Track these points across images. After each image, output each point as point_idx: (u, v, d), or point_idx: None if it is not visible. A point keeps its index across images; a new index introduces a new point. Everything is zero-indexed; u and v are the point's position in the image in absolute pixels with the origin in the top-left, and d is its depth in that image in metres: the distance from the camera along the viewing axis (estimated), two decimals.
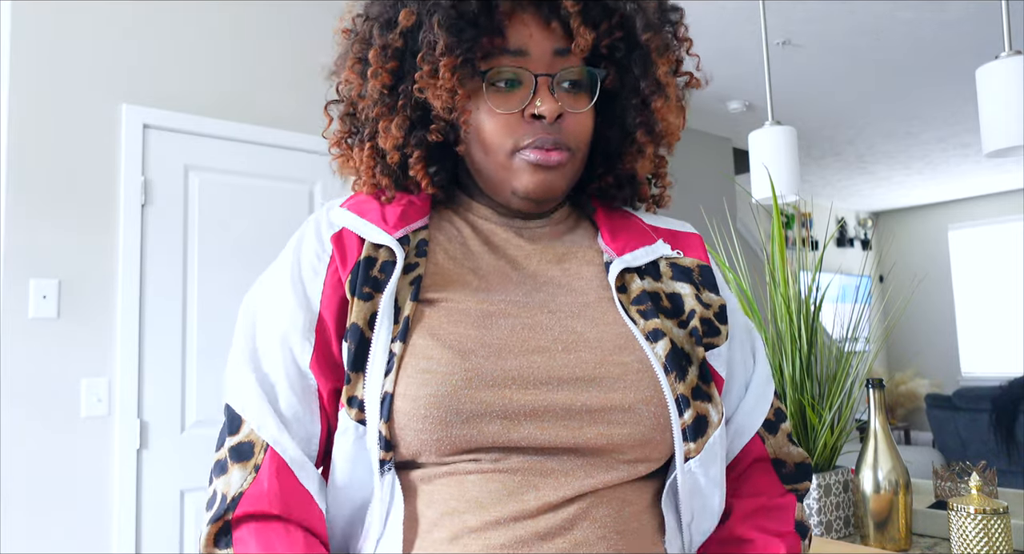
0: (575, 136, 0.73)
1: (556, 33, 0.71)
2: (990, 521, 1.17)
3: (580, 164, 0.76)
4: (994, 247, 7.75)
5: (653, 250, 0.77)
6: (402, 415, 0.65)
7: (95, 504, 2.31)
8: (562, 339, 0.69)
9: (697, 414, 0.68)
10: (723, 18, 3.47)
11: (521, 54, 0.71)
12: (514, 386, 0.65)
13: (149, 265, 2.48)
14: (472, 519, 0.64)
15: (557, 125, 0.72)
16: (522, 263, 0.76)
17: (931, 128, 5.32)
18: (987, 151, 1.63)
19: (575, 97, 0.73)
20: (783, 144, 2.15)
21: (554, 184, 0.73)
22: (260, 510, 0.66)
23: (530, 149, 0.71)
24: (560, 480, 0.65)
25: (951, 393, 4.92)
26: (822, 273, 1.51)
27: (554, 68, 0.72)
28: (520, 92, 0.72)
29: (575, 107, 0.73)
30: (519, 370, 0.66)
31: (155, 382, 2.46)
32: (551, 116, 0.70)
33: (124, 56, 2.51)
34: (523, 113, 0.71)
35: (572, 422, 0.65)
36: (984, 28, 3.65)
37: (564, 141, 0.72)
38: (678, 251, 0.79)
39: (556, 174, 0.73)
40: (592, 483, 0.65)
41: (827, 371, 1.47)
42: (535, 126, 0.71)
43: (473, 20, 0.70)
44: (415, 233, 0.74)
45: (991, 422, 4.44)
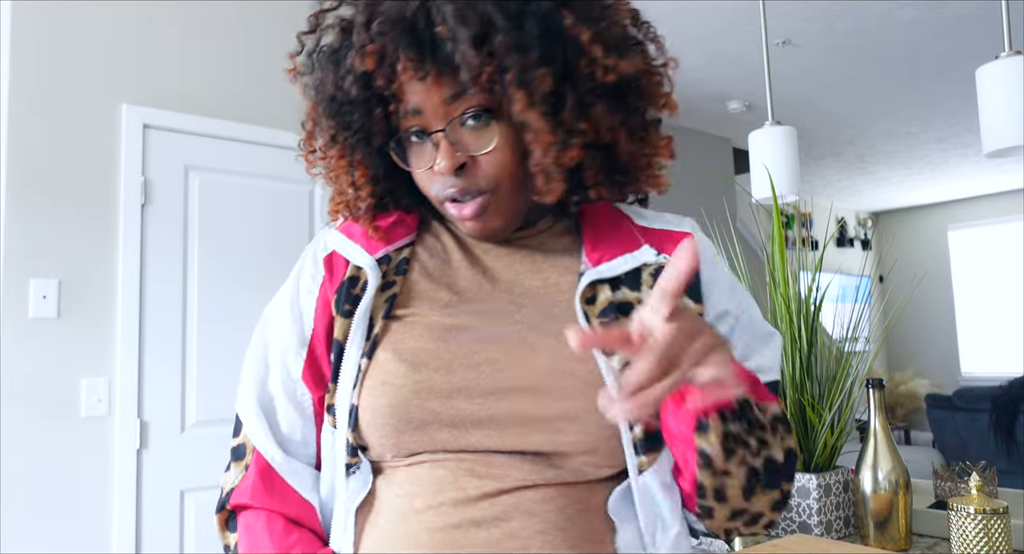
0: (489, 176, 0.73)
1: (445, 82, 0.70)
2: (990, 521, 1.17)
3: (511, 193, 0.74)
4: (994, 247, 7.75)
5: (635, 257, 0.77)
6: (365, 424, 0.72)
7: (95, 504, 2.31)
8: (516, 350, 0.72)
9: (647, 427, 0.70)
10: (723, 18, 3.47)
11: (417, 113, 0.72)
12: (461, 396, 0.70)
13: (149, 265, 2.48)
14: (418, 502, 0.70)
15: (465, 173, 0.72)
16: (500, 274, 0.79)
17: (931, 128, 5.32)
18: (987, 151, 1.63)
19: (480, 135, 0.72)
20: (783, 144, 2.15)
21: (488, 226, 0.76)
22: (244, 503, 0.78)
23: (447, 203, 0.75)
24: (504, 473, 0.69)
25: (951, 393, 4.92)
26: (822, 273, 1.51)
27: (449, 116, 0.71)
28: (429, 147, 0.74)
29: (481, 148, 0.72)
30: (467, 381, 0.70)
31: (155, 382, 2.46)
32: (448, 171, 0.71)
33: (124, 56, 2.51)
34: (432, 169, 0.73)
35: (517, 430, 0.69)
36: (984, 28, 3.65)
37: (475, 186, 0.73)
38: (664, 256, 0.77)
39: (483, 219, 0.75)
40: (535, 479, 0.69)
41: (827, 371, 1.47)
42: (446, 179, 0.73)
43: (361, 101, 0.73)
44: (398, 251, 0.80)
45: (991, 422, 4.44)
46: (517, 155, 0.73)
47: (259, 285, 2.69)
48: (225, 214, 2.66)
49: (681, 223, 0.83)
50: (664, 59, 0.79)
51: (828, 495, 1.41)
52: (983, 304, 7.76)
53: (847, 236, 8.08)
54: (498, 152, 0.72)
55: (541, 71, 0.68)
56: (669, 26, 4.04)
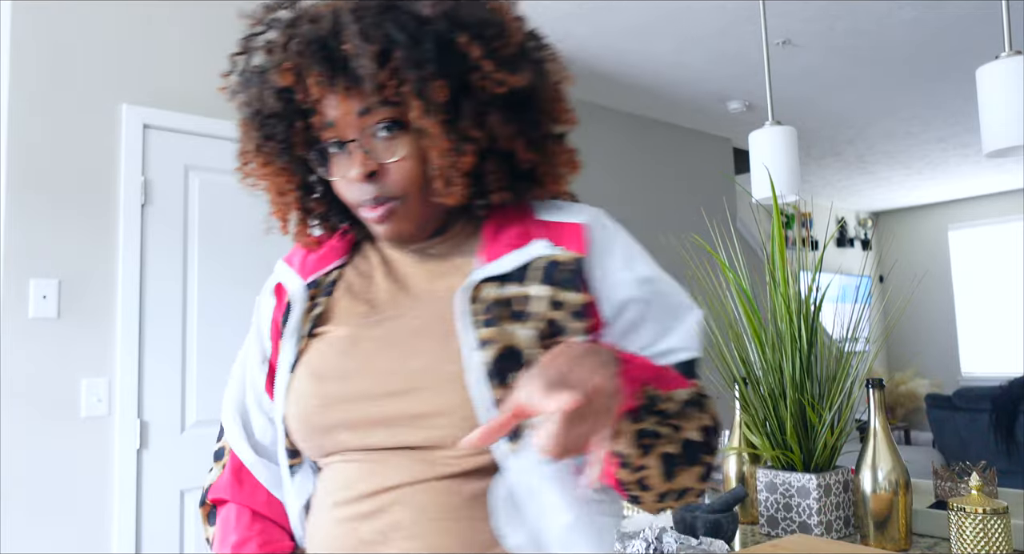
0: (398, 183, 0.80)
1: (357, 96, 0.77)
2: (990, 521, 1.17)
3: (420, 201, 0.81)
4: (994, 247, 7.75)
5: (524, 252, 0.80)
6: (289, 431, 0.84)
7: (95, 504, 2.31)
8: (403, 355, 0.79)
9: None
10: (723, 18, 3.47)
11: (332, 125, 0.80)
12: (359, 402, 0.79)
13: (149, 265, 2.48)
14: (329, 498, 0.81)
15: (375, 180, 0.79)
16: (412, 285, 0.86)
17: (931, 128, 5.32)
18: (987, 151, 1.63)
19: (390, 146, 0.79)
20: (783, 144, 2.15)
21: (399, 230, 0.83)
22: (220, 497, 0.90)
23: (362, 208, 0.82)
24: (387, 471, 0.77)
25: (951, 393, 4.92)
26: (822, 273, 1.51)
27: (361, 127, 0.79)
28: (345, 156, 0.81)
29: (390, 157, 0.79)
30: (362, 388, 0.79)
31: (155, 382, 2.46)
32: (359, 178, 0.79)
33: (124, 56, 2.51)
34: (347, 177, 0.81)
35: (402, 429, 0.76)
36: (984, 28, 3.65)
37: (387, 192, 0.80)
38: (561, 248, 0.80)
39: (394, 222, 0.82)
40: (417, 473, 0.76)
41: (827, 371, 1.47)
42: (359, 185, 0.80)
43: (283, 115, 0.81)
44: (327, 274, 0.90)
45: (991, 422, 4.44)
46: (424, 164, 0.79)
47: (259, 285, 2.68)
48: (225, 214, 2.66)
49: (579, 214, 0.85)
50: (560, 77, 0.86)
51: (828, 495, 1.41)
52: (983, 304, 7.76)
53: (847, 236, 8.08)
54: (406, 161, 0.79)
55: (437, 83, 0.76)
56: (669, 26, 4.07)
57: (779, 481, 1.45)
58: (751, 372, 1.52)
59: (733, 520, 1.36)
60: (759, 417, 1.51)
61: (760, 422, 1.51)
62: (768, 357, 1.49)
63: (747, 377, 1.52)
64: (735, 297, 1.56)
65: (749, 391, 1.52)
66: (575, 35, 3.62)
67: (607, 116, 4.68)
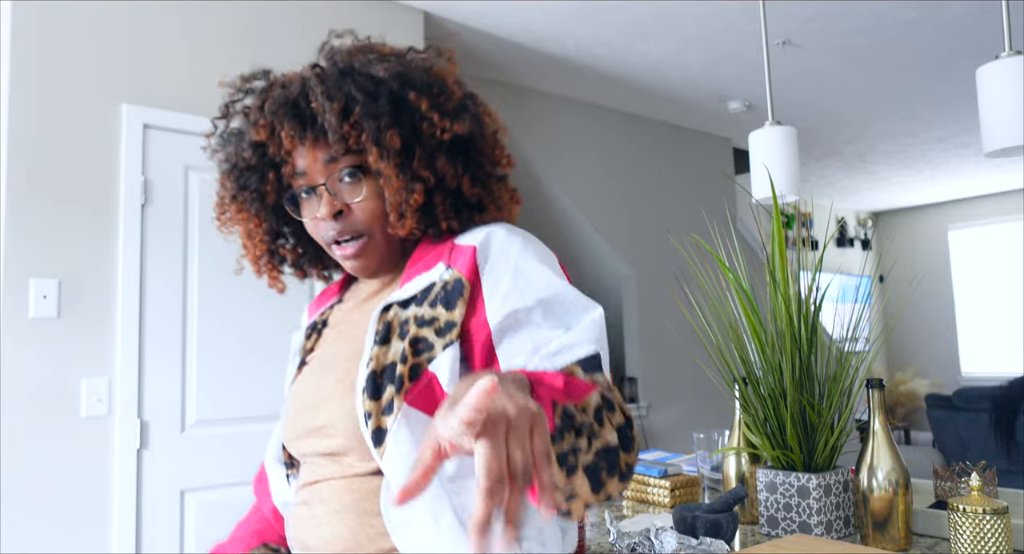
0: (362, 221, 0.93)
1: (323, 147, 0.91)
2: (990, 521, 1.17)
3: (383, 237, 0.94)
4: (994, 247, 7.75)
5: (427, 277, 0.90)
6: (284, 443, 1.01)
7: (95, 504, 2.32)
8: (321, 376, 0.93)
9: (377, 426, 0.83)
10: (723, 18, 3.48)
11: (303, 174, 0.93)
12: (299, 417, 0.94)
13: (149, 265, 2.48)
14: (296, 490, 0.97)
15: (342, 219, 0.92)
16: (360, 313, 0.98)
17: (931, 128, 5.32)
18: (987, 151, 1.63)
19: (354, 189, 0.92)
20: (783, 144, 2.15)
21: (366, 265, 0.96)
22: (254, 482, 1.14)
23: (332, 246, 0.95)
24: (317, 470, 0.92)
25: (951, 393, 4.92)
26: (822, 273, 1.51)
27: (328, 173, 0.92)
28: (315, 200, 0.94)
29: (354, 198, 0.92)
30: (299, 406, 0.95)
31: (155, 382, 2.46)
32: (327, 216, 0.92)
33: (124, 56, 2.51)
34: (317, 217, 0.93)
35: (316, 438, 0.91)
36: (984, 28, 3.65)
37: (353, 229, 0.93)
38: (453, 269, 0.89)
39: (361, 259, 0.95)
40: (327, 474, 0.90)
41: (827, 371, 1.47)
42: (328, 224, 0.93)
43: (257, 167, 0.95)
44: (322, 313, 1.07)
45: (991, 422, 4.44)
46: (384, 202, 0.92)
47: (259, 285, 2.68)
48: None
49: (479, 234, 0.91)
50: (496, 127, 0.99)
51: (828, 495, 1.41)
52: (983, 304, 7.76)
53: (847, 236, 8.08)
54: (368, 201, 0.92)
55: (391, 131, 0.89)
56: (669, 26, 4.06)
57: (779, 481, 1.45)
58: (751, 372, 1.52)
59: (733, 520, 1.36)
60: (759, 417, 1.51)
61: (760, 422, 1.51)
62: (768, 357, 1.49)
63: (747, 377, 1.52)
64: (735, 297, 1.56)
65: (749, 391, 1.52)
66: (575, 35, 3.62)
67: (607, 116, 4.68)
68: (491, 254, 0.89)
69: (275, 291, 1.08)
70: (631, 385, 4.59)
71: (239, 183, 0.97)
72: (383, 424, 0.82)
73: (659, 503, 1.76)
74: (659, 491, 1.76)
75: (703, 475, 1.69)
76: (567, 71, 4.05)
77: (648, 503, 1.79)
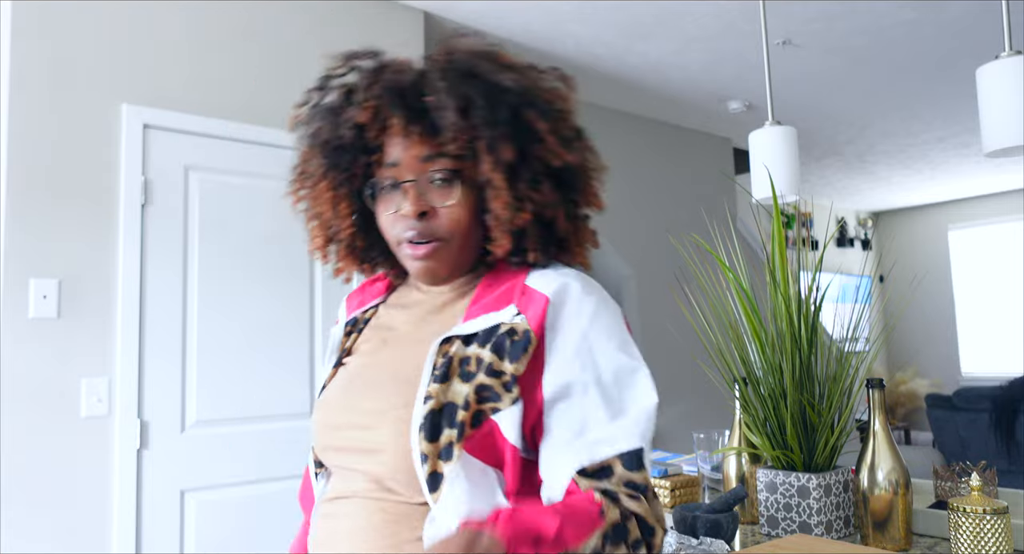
0: (445, 226, 0.89)
1: (424, 143, 0.88)
2: (990, 521, 1.17)
3: (460, 247, 0.91)
4: (994, 247, 7.75)
5: (495, 316, 0.87)
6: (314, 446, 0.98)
7: (95, 504, 2.31)
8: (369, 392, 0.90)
9: (433, 470, 0.81)
10: (723, 18, 3.47)
11: (394, 165, 0.90)
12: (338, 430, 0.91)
13: (149, 265, 2.48)
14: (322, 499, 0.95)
15: (425, 220, 0.89)
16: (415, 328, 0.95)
17: (931, 128, 5.32)
18: (987, 151, 1.63)
19: (444, 192, 0.89)
20: (783, 144, 2.15)
21: (433, 269, 0.92)
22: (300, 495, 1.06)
23: (406, 243, 0.91)
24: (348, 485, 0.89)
25: (951, 393, 4.92)
26: (822, 273, 1.51)
27: (421, 171, 0.89)
28: (399, 195, 0.90)
29: (443, 202, 0.89)
30: (340, 418, 0.91)
31: (155, 382, 2.46)
32: (412, 215, 0.88)
33: (124, 56, 2.51)
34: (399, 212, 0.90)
35: (358, 456, 0.88)
36: (984, 28, 3.65)
37: (433, 233, 0.89)
38: (523, 317, 0.85)
39: (431, 262, 0.91)
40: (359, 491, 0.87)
41: (827, 371, 1.47)
42: (408, 222, 0.89)
43: (350, 148, 0.91)
44: (365, 312, 1.03)
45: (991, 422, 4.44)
46: (471, 215, 0.90)
47: (259, 285, 2.69)
48: (225, 214, 2.66)
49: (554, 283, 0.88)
50: (597, 166, 0.96)
51: (828, 495, 1.41)
52: (983, 304, 7.76)
53: (847, 236, 8.08)
54: (456, 208, 0.89)
55: (506, 144, 0.86)
56: (669, 26, 4.06)
57: (779, 481, 1.45)
58: (751, 372, 1.52)
59: (733, 520, 1.36)
60: (759, 417, 1.51)
61: (760, 422, 1.51)
62: (768, 357, 1.49)
63: (747, 377, 1.52)
64: (735, 297, 1.56)
65: (749, 391, 1.52)
66: (575, 35, 3.62)
67: (607, 116, 4.68)
68: (563, 313, 0.86)
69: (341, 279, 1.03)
70: None
71: (332, 159, 0.92)
72: (439, 468, 0.80)
73: None
74: (659, 491, 1.76)
75: (703, 475, 1.69)
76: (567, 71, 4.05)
77: None
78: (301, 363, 2.76)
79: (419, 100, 0.87)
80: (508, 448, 0.81)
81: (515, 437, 0.81)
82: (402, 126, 0.87)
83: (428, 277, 0.93)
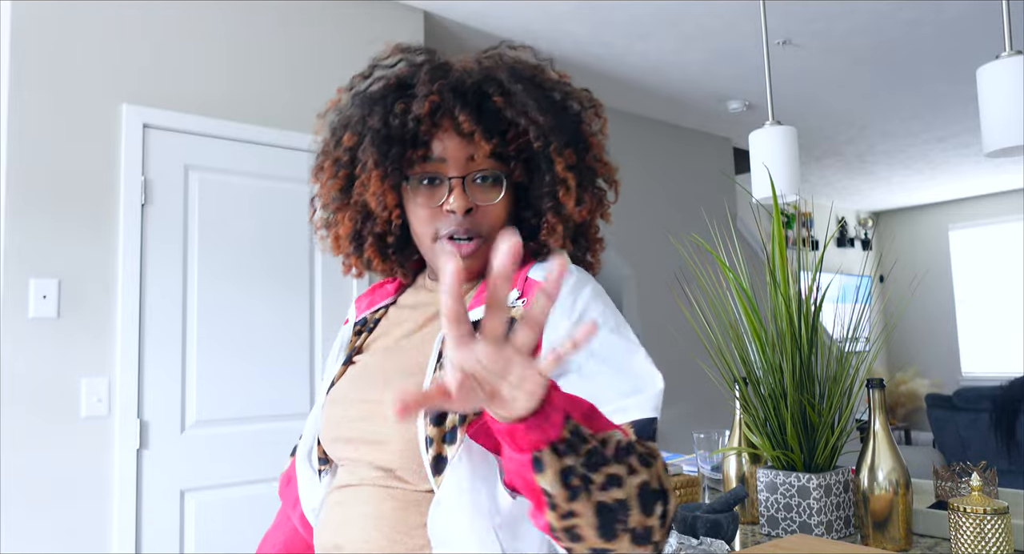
0: (487, 224, 0.92)
1: (470, 142, 0.90)
2: (990, 521, 1.17)
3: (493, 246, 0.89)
4: (994, 247, 7.75)
5: None
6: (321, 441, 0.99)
7: (95, 504, 2.31)
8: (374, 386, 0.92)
9: (437, 453, 0.82)
10: (723, 18, 3.47)
11: (441, 161, 0.91)
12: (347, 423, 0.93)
13: (149, 265, 2.48)
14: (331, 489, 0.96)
15: (470, 217, 0.90)
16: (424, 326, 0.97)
17: (931, 128, 5.32)
18: (987, 151, 1.63)
19: (487, 191, 0.92)
20: (783, 144, 2.15)
21: (473, 266, 0.93)
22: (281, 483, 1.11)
23: (446, 240, 0.91)
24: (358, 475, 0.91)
25: (951, 393, 4.92)
26: (822, 273, 1.51)
27: (467, 170, 0.91)
28: (441, 190, 0.92)
29: (486, 200, 0.92)
30: (350, 413, 0.93)
31: (155, 382, 2.46)
32: (460, 211, 0.90)
33: (124, 56, 2.51)
34: (441, 208, 0.91)
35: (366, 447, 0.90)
36: (984, 28, 3.65)
37: (476, 229, 0.91)
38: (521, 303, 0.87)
39: (474, 259, 0.92)
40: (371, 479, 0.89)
41: (827, 371, 1.47)
42: (451, 218, 0.91)
43: (399, 139, 0.91)
44: (375, 312, 1.05)
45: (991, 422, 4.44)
46: (510, 215, 0.94)
47: (259, 285, 2.69)
48: (225, 214, 2.66)
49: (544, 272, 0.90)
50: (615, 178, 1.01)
51: (828, 495, 1.41)
52: (983, 304, 7.76)
53: (847, 236, 8.08)
54: (498, 207, 0.92)
55: (572, 149, 0.92)
56: (669, 26, 4.06)
57: (779, 481, 1.45)
58: (751, 372, 1.52)
59: (733, 520, 1.36)
60: (759, 417, 1.51)
61: (760, 422, 1.51)
62: (768, 357, 1.49)
63: (747, 377, 1.52)
64: (735, 297, 1.56)
65: (749, 391, 1.52)
66: (575, 35, 3.62)
67: (607, 116, 4.67)
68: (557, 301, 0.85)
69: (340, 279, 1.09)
70: None
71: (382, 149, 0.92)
72: (444, 452, 0.82)
73: None
74: None
75: (703, 475, 1.69)
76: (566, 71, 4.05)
77: None
78: (301, 363, 2.76)
79: (480, 99, 0.90)
80: None
81: None
82: (468, 123, 0.89)
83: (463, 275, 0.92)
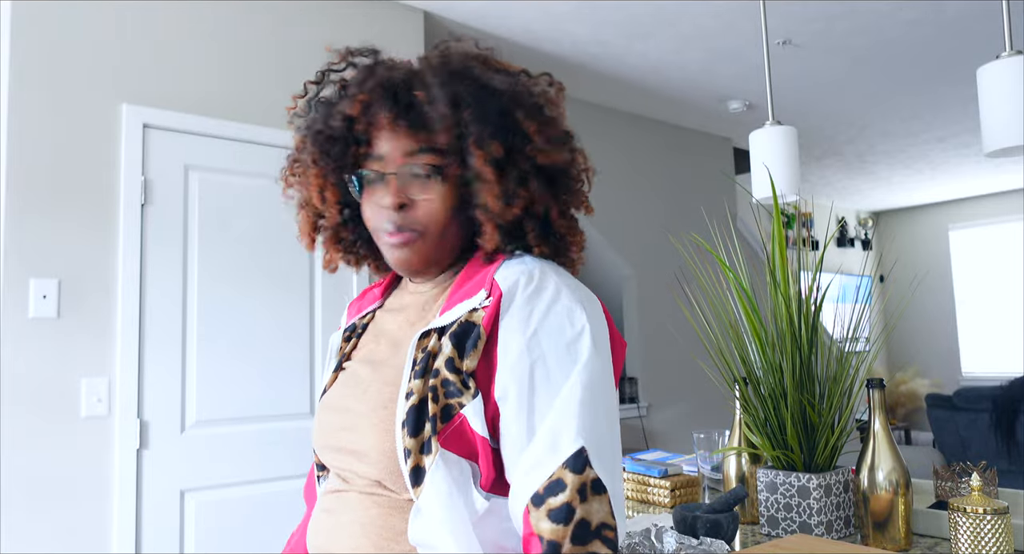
0: (422, 219, 0.92)
1: (403, 138, 0.91)
2: (990, 521, 1.17)
3: (435, 240, 0.94)
4: (994, 247, 7.75)
5: (467, 304, 0.88)
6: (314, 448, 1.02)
7: (95, 504, 2.31)
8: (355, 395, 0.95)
9: (415, 465, 0.83)
10: (723, 18, 3.47)
11: (379, 158, 0.93)
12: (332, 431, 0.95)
13: (149, 265, 2.48)
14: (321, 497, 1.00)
15: (403, 212, 0.92)
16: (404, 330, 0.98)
17: (931, 128, 5.32)
18: (987, 151, 1.63)
19: (425, 186, 0.92)
20: (783, 144, 2.15)
21: (409, 259, 0.94)
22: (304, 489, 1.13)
23: (384, 233, 0.94)
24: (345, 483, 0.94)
25: (951, 393, 4.92)
26: (822, 273, 1.51)
27: (403, 165, 0.92)
28: (383, 187, 0.93)
29: (423, 195, 0.92)
30: (334, 421, 0.96)
31: (155, 382, 2.46)
32: (392, 206, 0.91)
33: (124, 56, 2.51)
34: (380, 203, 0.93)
35: (348, 456, 0.92)
36: (984, 28, 3.65)
37: (410, 224, 0.92)
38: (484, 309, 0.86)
39: (407, 251, 0.93)
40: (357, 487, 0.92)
41: (827, 371, 1.47)
42: (388, 213, 0.92)
43: (341, 138, 0.94)
44: (363, 317, 1.07)
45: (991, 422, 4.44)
46: (448, 211, 0.92)
47: (259, 285, 2.69)
48: (225, 214, 2.66)
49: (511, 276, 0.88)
50: (586, 168, 0.98)
51: (828, 495, 1.41)
52: (983, 304, 7.76)
53: (847, 236, 8.08)
54: (434, 202, 0.92)
55: (495, 141, 0.89)
56: (669, 26, 4.06)
57: (779, 481, 1.45)
58: (751, 372, 1.52)
59: (733, 520, 1.36)
60: (759, 417, 1.51)
61: (761, 422, 1.51)
62: (768, 357, 1.49)
63: (747, 377, 1.52)
64: (735, 297, 1.56)
65: (749, 391, 1.52)
66: (574, 35, 3.62)
67: (607, 116, 4.68)
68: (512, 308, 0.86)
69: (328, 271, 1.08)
70: (631, 385, 4.58)
71: (322, 148, 0.95)
72: (421, 463, 0.83)
73: (659, 503, 1.76)
74: (659, 491, 1.76)
75: (703, 475, 1.69)
76: (566, 71, 4.05)
77: (648, 503, 1.79)
78: (301, 363, 2.76)
79: (409, 96, 0.91)
80: (479, 440, 0.84)
81: (482, 429, 0.83)
82: (390, 120, 0.91)
83: (404, 268, 0.96)
